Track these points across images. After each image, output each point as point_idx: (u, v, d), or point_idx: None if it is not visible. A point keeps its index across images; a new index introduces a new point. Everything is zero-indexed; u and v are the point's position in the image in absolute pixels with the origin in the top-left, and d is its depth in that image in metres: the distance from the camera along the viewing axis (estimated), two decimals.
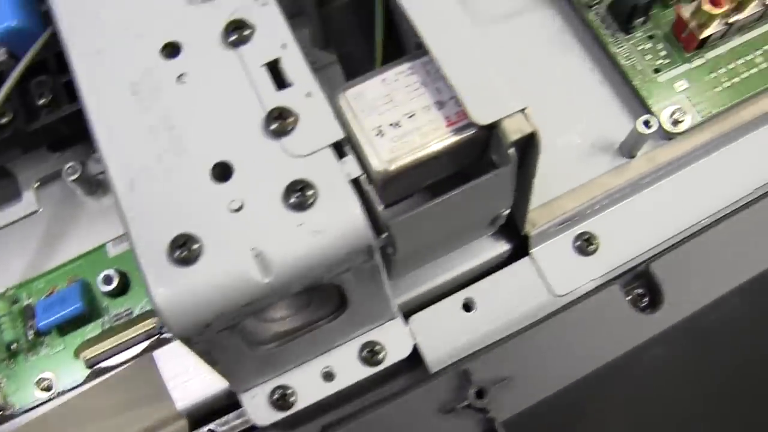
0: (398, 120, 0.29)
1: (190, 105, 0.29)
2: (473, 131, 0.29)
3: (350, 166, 0.28)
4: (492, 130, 0.28)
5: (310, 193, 0.27)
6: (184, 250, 0.27)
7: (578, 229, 0.36)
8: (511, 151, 0.28)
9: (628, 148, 0.35)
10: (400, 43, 0.35)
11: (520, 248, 0.35)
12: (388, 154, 0.28)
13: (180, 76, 0.30)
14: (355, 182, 0.28)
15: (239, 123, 0.29)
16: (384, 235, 0.29)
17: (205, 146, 0.28)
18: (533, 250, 0.35)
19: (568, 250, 0.35)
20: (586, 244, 0.35)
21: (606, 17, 0.37)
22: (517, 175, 0.30)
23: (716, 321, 0.32)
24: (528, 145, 0.29)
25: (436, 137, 0.29)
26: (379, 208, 0.28)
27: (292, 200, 0.27)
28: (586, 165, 0.35)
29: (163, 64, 0.30)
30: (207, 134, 0.29)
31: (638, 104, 0.36)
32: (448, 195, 0.28)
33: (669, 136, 0.35)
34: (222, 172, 0.28)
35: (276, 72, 0.30)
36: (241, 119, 0.29)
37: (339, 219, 0.27)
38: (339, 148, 0.28)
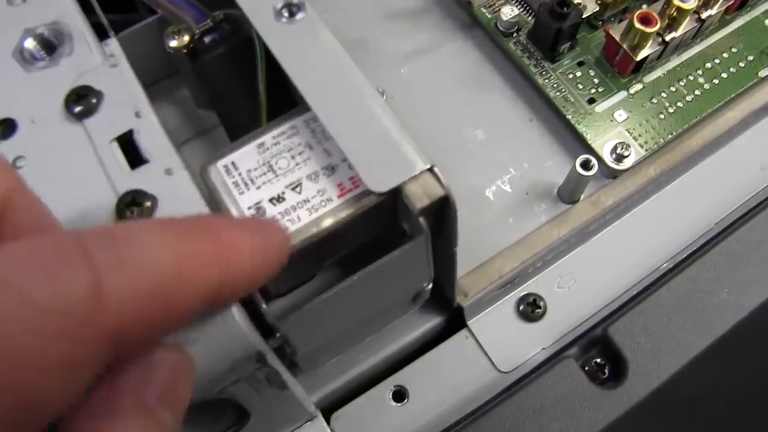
0: (280, 193, 0.24)
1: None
2: (373, 199, 0.23)
3: None
4: (396, 195, 0.23)
5: None
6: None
7: (520, 292, 0.31)
8: (422, 219, 0.23)
9: (569, 193, 0.30)
10: (292, 95, 0.30)
11: (455, 319, 0.30)
12: None
13: (16, 160, 0.25)
14: None
15: (86, 212, 0.23)
16: (277, 335, 0.24)
17: None
18: (470, 321, 0.30)
19: (510, 317, 0.30)
20: (530, 309, 0.30)
21: (528, 45, 0.32)
22: (435, 244, 0.25)
23: (690, 390, 0.27)
24: (442, 210, 0.23)
25: (327, 211, 0.23)
26: (263, 305, 0.23)
27: None
28: (521, 217, 0.31)
29: None
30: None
31: (574, 141, 0.31)
32: (346, 282, 0.23)
33: (613, 174, 0.31)
34: None
35: (129, 147, 0.24)
36: (88, 208, 0.24)
37: (214, 325, 0.22)
38: None
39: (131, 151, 0.24)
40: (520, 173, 0.31)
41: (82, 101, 0.25)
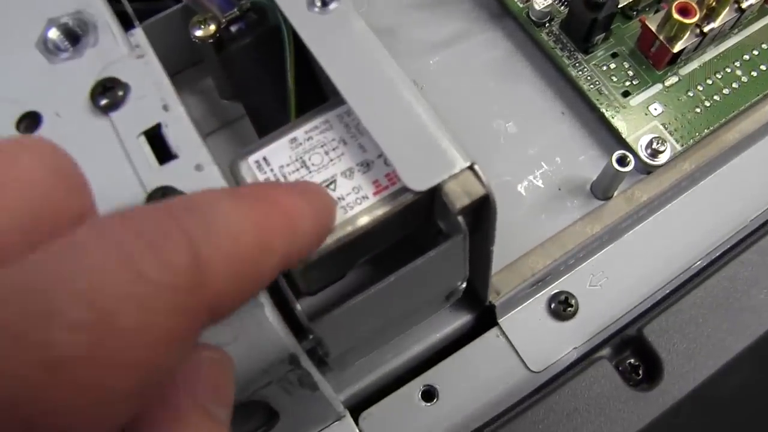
0: None
1: None
2: (410, 197, 0.23)
3: None
4: (434, 193, 0.22)
5: None
6: None
7: (552, 290, 0.30)
8: (461, 218, 0.22)
9: (602, 189, 0.29)
10: (321, 87, 0.29)
11: (486, 317, 0.30)
12: None
13: None
14: None
15: (115, 209, 0.23)
16: (310, 337, 0.23)
17: None
18: (501, 320, 0.29)
19: (542, 315, 0.30)
20: (562, 307, 0.29)
21: (560, 36, 0.31)
22: (472, 242, 0.24)
23: (727, 393, 0.27)
24: (481, 209, 0.23)
25: (363, 209, 0.23)
26: (297, 307, 0.22)
27: None
28: (554, 213, 0.30)
29: None
30: None
31: (608, 135, 0.31)
32: (382, 283, 0.22)
33: (648, 170, 0.30)
34: None
35: (157, 141, 0.24)
36: (116, 204, 0.23)
37: (247, 327, 0.22)
38: None
39: (159, 145, 0.24)
40: (552, 168, 0.30)
41: (108, 94, 0.24)
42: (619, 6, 0.30)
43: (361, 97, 0.23)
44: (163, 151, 0.24)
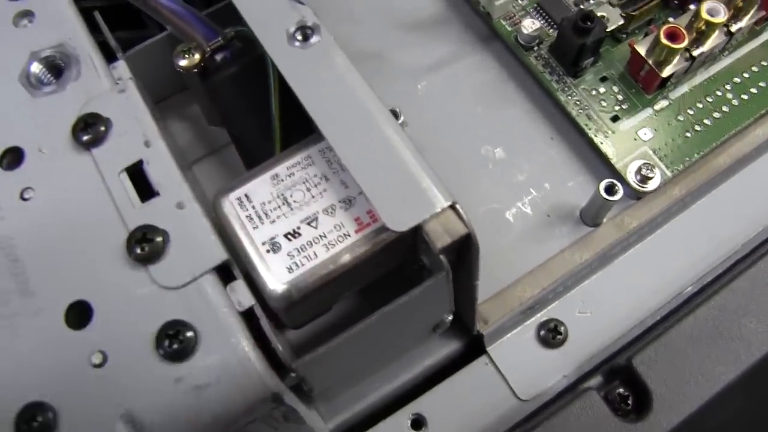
0: (296, 228, 0.23)
1: (38, 229, 0.23)
2: (392, 235, 0.23)
3: (239, 294, 0.22)
4: (416, 230, 0.22)
5: (188, 335, 0.21)
6: (34, 423, 0.21)
7: (541, 317, 0.30)
8: (443, 257, 0.22)
9: (591, 216, 0.29)
10: (306, 117, 0.29)
11: (475, 345, 0.29)
12: (287, 275, 0.22)
13: (24, 191, 0.24)
14: (247, 314, 0.22)
15: (96, 249, 0.23)
16: (293, 375, 0.23)
17: (56, 282, 0.22)
18: (490, 348, 0.29)
19: (531, 343, 0.29)
20: (551, 335, 0.29)
21: (549, 60, 0.31)
22: (456, 277, 0.24)
23: (718, 425, 0.27)
24: (464, 246, 0.23)
25: (345, 247, 0.23)
26: (279, 348, 0.22)
27: (167, 348, 0.21)
28: (543, 240, 0.30)
29: (1, 175, 0.24)
30: (58, 265, 0.23)
31: (598, 160, 0.30)
32: (365, 322, 0.22)
33: (638, 195, 0.30)
34: (79, 315, 0.22)
35: (138, 177, 0.24)
36: (97, 244, 0.23)
37: (228, 367, 0.21)
38: (223, 272, 0.22)
39: (141, 181, 0.24)
40: (541, 194, 0.30)
41: (90, 129, 0.24)
42: (608, 30, 0.30)
43: (340, 133, 0.23)
44: (144, 188, 0.23)
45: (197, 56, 0.28)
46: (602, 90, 0.31)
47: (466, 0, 0.33)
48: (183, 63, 0.28)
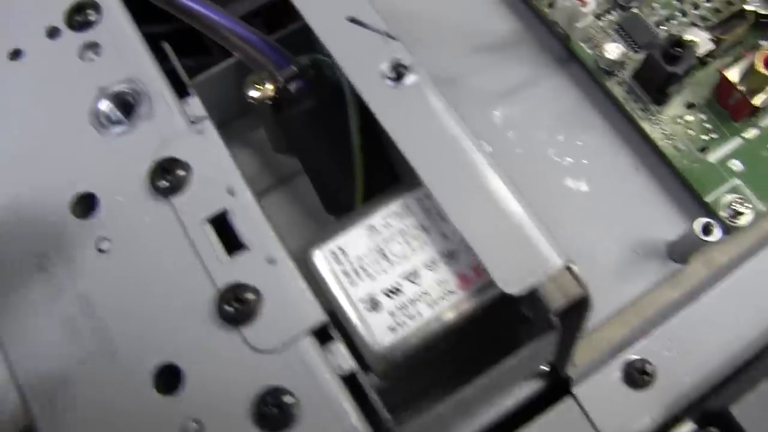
0: (396, 284, 0.21)
1: (117, 285, 0.22)
2: (498, 291, 0.21)
3: (339, 357, 0.21)
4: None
5: (288, 402, 0.20)
6: None
7: (627, 356, 0.28)
8: (555, 317, 0.21)
9: (681, 253, 0.28)
10: (385, 151, 0.27)
11: (560, 385, 0.28)
12: (389, 335, 0.21)
13: (100, 242, 0.22)
14: (348, 378, 0.20)
15: (182, 307, 0.21)
16: None
17: (141, 343, 0.21)
18: (575, 388, 0.28)
19: (617, 383, 0.28)
20: (638, 375, 0.28)
21: (632, 86, 0.29)
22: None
23: None
24: (575, 307, 0.21)
25: (450, 305, 0.21)
26: (387, 415, 0.20)
27: (266, 417, 0.20)
28: (629, 278, 0.28)
29: (75, 224, 0.23)
30: (143, 325, 0.21)
31: (685, 193, 0.29)
32: (472, 386, 0.21)
33: (727, 230, 0.28)
34: (168, 379, 0.21)
35: (223, 229, 0.22)
36: (183, 302, 0.21)
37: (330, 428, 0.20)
38: (320, 333, 0.21)
39: (225, 233, 0.22)
40: (626, 229, 0.29)
41: (168, 175, 0.22)
42: (698, 56, 0.28)
43: (443, 182, 0.21)
44: (230, 241, 0.22)
45: (270, 87, 0.26)
46: (689, 118, 0.29)
47: (541, 20, 0.31)
48: (255, 94, 0.26)
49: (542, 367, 0.25)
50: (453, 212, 0.21)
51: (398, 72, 0.22)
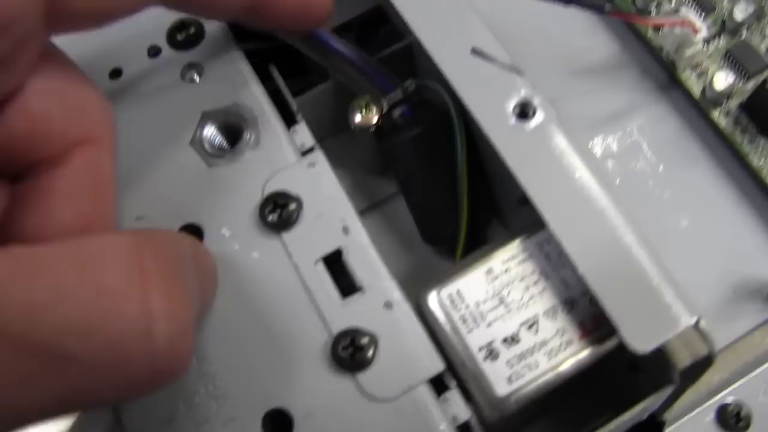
0: (515, 332, 0.21)
1: (226, 323, 0.21)
2: (617, 341, 0.20)
3: (455, 407, 0.20)
4: None
5: None
6: None
7: (722, 399, 0.28)
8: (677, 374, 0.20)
9: None
10: (489, 182, 0.26)
11: (651, 428, 0.28)
12: (506, 386, 0.20)
13: None
14: (464, 428, 0.20)
15: (294, 351, 0.21)
16: None
17: (250, 386, 0.20)
18: (668, 430, 0.27)
19: (710, 427, 0.27)
20: (733, 419, 0.27)
21: (740, 117, 0.28)
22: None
23: None
24: (698, 363, 0.20)
25: (567, 355, 0.21)
26: None
27: None
28: (729, 319, 0.27)
29: None
30: (251, 367, 0.21)
31: None
32: None
33: None
34: (279, 426, 0.20)
35: (337, 269, 0.21)
36: (295, 345, 0.21)
37: None
38: (436, 382, 0.20)
39: (338, 273, 0.22)
40: (726, 267, 0.28)
41: (279, 210, 0.22)
42: None
43: (569, 230, 0.20)
44: (343, 281, 0.21)
45: (375, 113, 0.25)
46: None
47: (644, 44, 0.30)
48: (359, 120, 0.25)
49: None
50: (579, 260, 0.20)
51: (524, 111, 0.22)
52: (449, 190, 0.25)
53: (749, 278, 0.28)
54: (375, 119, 0.25)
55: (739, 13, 0.29)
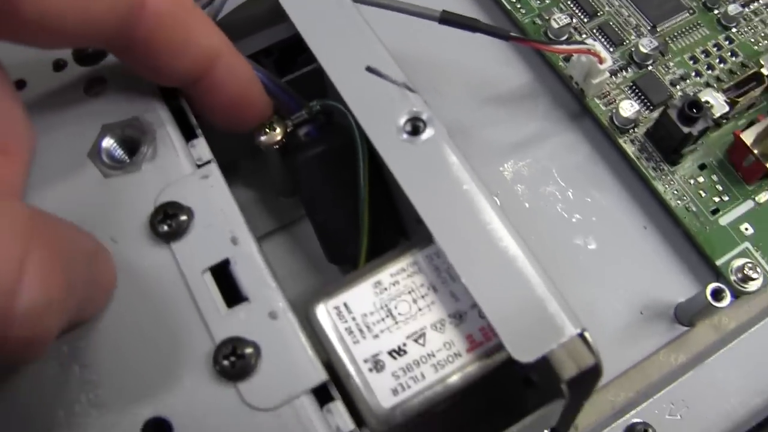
0: (401, 345, 0.21)
1: (110, 330, 0.21)
2: (505, 355, 0.20)
3: (338, 418, 0.20)
4: None
5: None
6: None
7: (628, 419, 0.28)
8: (564, 386, 0.20)
9: (689, 316, 0.27)
10: (395, 206, 0.26)
11: None
12: (391, 398, 0.20)
13: None
14: None
15: (176, 359, 0.20)
16: None
17: (132, 394, 0.20)
18: None
19: None
20: None
21: (645, 144, 0.29)
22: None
23: None
24: (585, 375, 0.20)
25: (455, 368, 0.20)
26: None
27: None
28: (635, 340, 0.28)
29: None
30: (134, 375, 0.20)
31: (695, 255, 0.28)
32: None
33: (736, 294, 0.28)
34: None
35: (224, 279, 0.21)
36: (178, 353, 0.20)
37: None
38: (320, 393, 0.20)
39: (226, 283, 0.21)
40: (633, 289, 0.28)
41: (170, 220, 0.22)
42: (714, 118, 0.28)
43: (456, 244, 0.20)
44: (230, 292, 0.21)
45: (278, 131, 0.25)
46: (701, 179, 0.29)
47: (556, 74, 0.31)
48: (263, 139, 0.25)
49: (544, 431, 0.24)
50: (465, 273, 0.20)
51: (415, 126, 0.22)
52: (352, 210, 0.25)
53: (656, 300, 0.28)
54: (278, 137, 0.25)
55: (643, 48, 0.30)
